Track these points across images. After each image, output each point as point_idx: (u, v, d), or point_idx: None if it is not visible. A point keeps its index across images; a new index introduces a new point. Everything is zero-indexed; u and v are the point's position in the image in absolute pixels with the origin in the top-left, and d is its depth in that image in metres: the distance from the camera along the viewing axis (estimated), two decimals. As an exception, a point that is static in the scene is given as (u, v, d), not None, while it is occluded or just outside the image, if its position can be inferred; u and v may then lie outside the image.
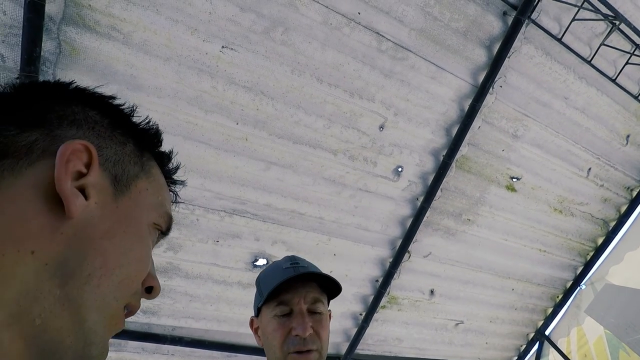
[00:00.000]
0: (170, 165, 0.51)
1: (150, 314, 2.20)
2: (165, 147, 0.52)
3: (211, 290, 2.23)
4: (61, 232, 0.34)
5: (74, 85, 0.43)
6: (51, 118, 0.39)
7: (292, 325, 0.87)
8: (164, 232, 0.48)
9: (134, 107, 0.47)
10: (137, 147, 0.45)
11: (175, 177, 0.53)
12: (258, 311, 0.95)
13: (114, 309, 0.38)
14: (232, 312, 2.35)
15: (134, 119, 0.47)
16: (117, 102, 0.46)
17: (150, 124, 0.48)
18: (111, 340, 2.17)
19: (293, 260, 0.95)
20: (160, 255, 2.05)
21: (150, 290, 0.45)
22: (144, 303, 2.15)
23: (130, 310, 0.42)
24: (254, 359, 2.52)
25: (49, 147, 0.37)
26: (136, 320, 2.19)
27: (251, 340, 2.41)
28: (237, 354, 2.49)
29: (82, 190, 0.37)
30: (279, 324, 0.88)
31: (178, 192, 0.55)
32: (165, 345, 2.29)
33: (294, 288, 0.90)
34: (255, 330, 0.98)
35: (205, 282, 2.20)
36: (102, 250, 0.36)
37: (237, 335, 2.45)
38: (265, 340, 0.92)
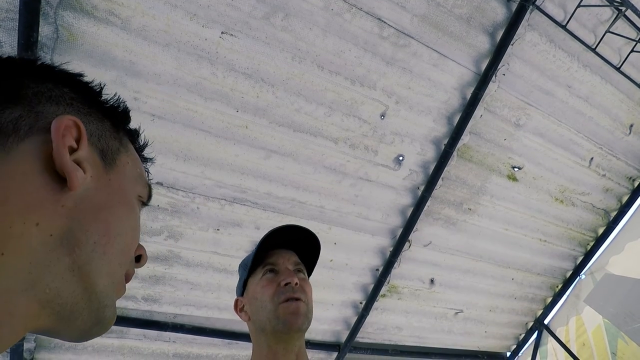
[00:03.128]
0: (139, 142, 0.53)
1: (152, 302, 2.21)
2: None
3: (212, 278, 2.24)
4: (62, 204, 0.36)
5: (42, 61, 0.44)
6: (27, 94, 0.39)
7: (281, 279, 0.93)
8: (145, 203, 0.52)
9: (102, 85, 0.48)
10: (112, 123, 0.47)
11: (144, 154, 0.54)
12: (243, 288, 1.01)
13: (120, 274, 0.42)
14: (233, 300, 2.35)
15: (103, 97, 0.48)
16: (85, 79, 0.47)
17: (119, 101, 0.49)
18: (113, 328, 2.17)
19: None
20: (160, 243, 2.06)
21: (139, 259, 0.48)
22: (146, 290, 2.17)
23: (127, 277, 0.45)
24: (255, 346, 2.55)
25: (35, 124, 0.37)
26: (138, 308, 2.20)
27: (252, 327, 2.43)
28: (238, 341, 2.51)
29: (78, 165, 0.38)
30: (268, 281, 0.95)
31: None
32: (167, 333, 2.31)
33: (278, 253, 0.98)
34: (241, 309, 1.02)
35: (206, 270, 2.21)
36: (103, 220, 0.39)
37: (238, 322, 2.47)
38: (254, 304, 0.95)
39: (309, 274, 1.07)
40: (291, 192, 2.17)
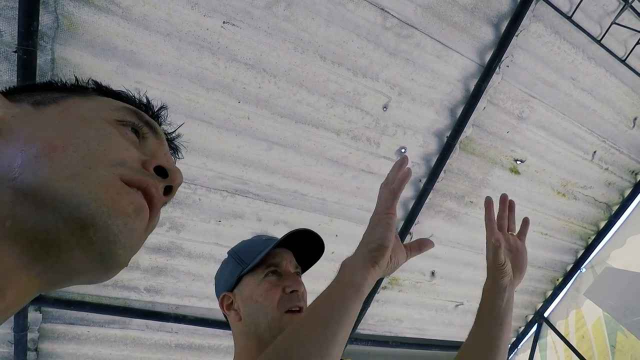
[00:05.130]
0: (122, 97, 0.54)
1: (154, 293, 2.23)
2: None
3: (214, 269, 2.23)
4: None
5: None
6: None
7: (286, 284, 0.86)
8: (142, 121, 0.50)
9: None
10: (57, 90, 0.48)
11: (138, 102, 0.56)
12: (235, 283, 0.92)
13: (94, 175, 0.37)
14: (235, 292, 2.37)
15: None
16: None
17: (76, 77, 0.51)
18: (115, 318, 2.16)
19: (268, 236, 0.99)
20: (162, 234, 2.06)
21: (160, 171, 0.44)
22: (148, 281, 2.17)
23: (139, 185, 0.41)
24: (257, 337, 2.56)
25: None
26: (140, 299, 2.21)
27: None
28: (240, 332, 2.52)
29: None
30: (271, 284, 0.87)
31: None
32: (169, 323, 2.32)
33: (279, 253, 0.93)
34: (229, 306, 0.93)
35: (207, 261, 2.22)
36: (38, 136, 0.38)
37: (240, 314, 2.48)
38: (251, 307, 0.88)
39: (308, 267, 1.04)
40: (293, 184, 2.16)
